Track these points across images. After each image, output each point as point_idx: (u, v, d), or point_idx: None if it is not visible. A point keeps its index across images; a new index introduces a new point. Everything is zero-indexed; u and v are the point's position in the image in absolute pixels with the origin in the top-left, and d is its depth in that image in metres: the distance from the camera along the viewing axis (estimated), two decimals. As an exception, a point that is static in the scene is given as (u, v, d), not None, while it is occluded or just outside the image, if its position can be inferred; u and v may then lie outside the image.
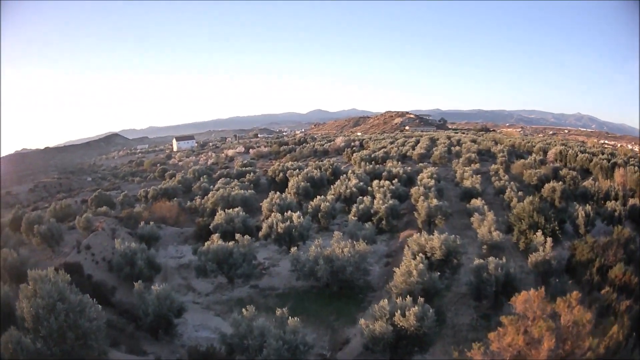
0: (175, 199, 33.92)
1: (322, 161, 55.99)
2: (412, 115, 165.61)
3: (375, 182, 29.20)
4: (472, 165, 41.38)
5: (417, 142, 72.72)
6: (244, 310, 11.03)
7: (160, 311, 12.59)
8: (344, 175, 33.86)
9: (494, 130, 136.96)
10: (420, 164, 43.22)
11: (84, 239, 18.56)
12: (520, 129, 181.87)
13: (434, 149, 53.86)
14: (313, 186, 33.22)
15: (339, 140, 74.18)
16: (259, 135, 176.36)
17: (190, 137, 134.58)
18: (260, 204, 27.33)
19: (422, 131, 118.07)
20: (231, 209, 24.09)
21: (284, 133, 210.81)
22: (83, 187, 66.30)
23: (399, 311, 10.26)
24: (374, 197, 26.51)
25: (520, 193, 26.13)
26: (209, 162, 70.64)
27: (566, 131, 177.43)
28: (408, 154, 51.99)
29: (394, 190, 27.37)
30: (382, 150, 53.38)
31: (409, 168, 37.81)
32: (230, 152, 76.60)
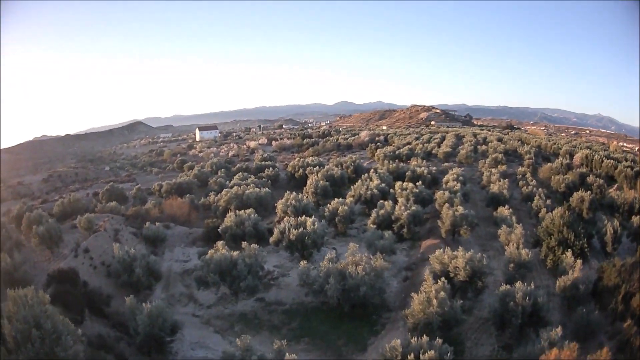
0: (188, 194, 32.91)
1: (344, 156, 54.54)
2: (438, 110, 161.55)
3: (398, 184, 27.51)
4: (499, 166, 39.30)
5: (443, 138, 70.44)
6: (237, 340, 9.77)
7: (151, 331, 11.52)
8: (366, 174, 32.21)
9: (518, 128, 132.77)
10: (446, 164, 41.23)
11: (84, 240, 17.65)
12: (544, 127, 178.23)
13: (460, 147, 51.60)
14: (333, 185, 31.83)
15: (364, 135, 72.45)
16: (283, 126, 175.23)
17: (214, 127, 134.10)
18: (276, 203, 25.99)
19: (447, 127, 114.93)
20: (244, 210, 22.94)
21: (309, 124, 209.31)
22: (99, 177, 65.67)
23: (412, 354, 8.82)
24: (395, 201, 25.00)
25: (548, 201, 24.37)
26: (230, 153, 69.90)
27: (587, 131, 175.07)
28: (433, 151, 49.88)
29: (418, 193, 25.67)
30: (407, 146, 51.42)
31: (434, 168, 35.90)
32: (252, 144, 75.73)
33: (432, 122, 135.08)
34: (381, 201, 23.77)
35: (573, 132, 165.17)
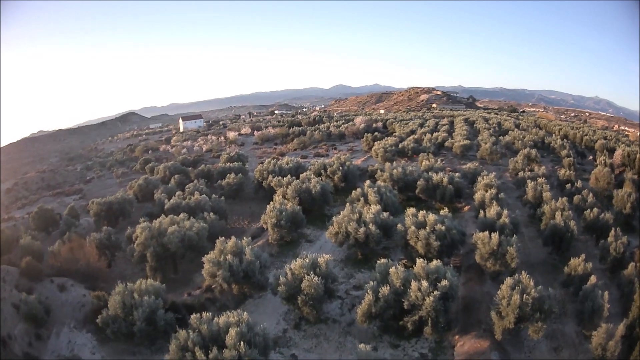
0: (105, 228, 21.94)
1: (335, 148, 43.85)
2: (439, 92, 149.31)
3: (410, 214, 16.56)
4: (536, 166, 28.92)
5: (451, 124, 59.51)
6: None
7: None
8: (359, 189, 21.40)
9: (523, 111, 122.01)
10: (470, 165, 30.52)
11: None
12: (542, 109, 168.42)
13: (478, 138, 40.78)
14: (310, 204, 21.28)
15: (359, 121, 61.43)
16: (276, 112, 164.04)
17: (198, 116, 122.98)
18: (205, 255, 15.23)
19: (451, 110, 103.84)
20: (145, 283, 12.41)
21: (304, 109, 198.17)
22: (67, 180, 56.80)
23: None
24: (406, 244, 14.52)
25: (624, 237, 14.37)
26: (205, 147, 59.09)
27: (587, 114, 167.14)
28: (446, 143, 38.99)
29: (443, 234, 14.97)
30: (412, 137, 40.53)
31: (455, 173, 25.02)
32: (231, 135, 64.77)
33: (434, 105, 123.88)
34: (383, 262, 12.87)
35: (572, 114, 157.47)
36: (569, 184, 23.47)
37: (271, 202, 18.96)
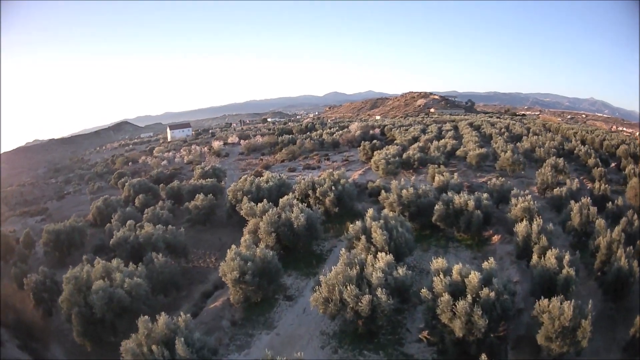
0: (41, 269, 16.56)
1: (328, 159, 38.32)
2: (436, 96, 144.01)
3: (440, 269, 10.72)
4: (566, 178, 23.75)
5: (455, 129, 54.18)
6: None
7: None
8: (360, 220, 15.69)
9: (524, 114, 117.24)
10: (495, 180, 25.11)
11: None
12: (538, 112, 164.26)
13: (494, 146, 35.40)
14: (293, 240, 15.68)
15: (354, 127, 56.02)
16: (269, 120, 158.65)
17: (186, 125, 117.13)
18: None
19: (450, 114, 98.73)
20: None
21: (298, 116, 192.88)
22: (45, 194, 51.26)
23: None
24: (434, 317, 9.11)
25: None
26: (186, 159, 53.49)
27: (583, 116, 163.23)
28: (457, 152, 33.60)
29: (491, 302, 9.43)
30: (416, 145, 35.07)
31: (484, 195, 19.39)
32: (216, 145, 59.18)
33: (432, 110, 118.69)
34: None
35: (569, 116, 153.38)
36: (608, 202, 18.18)
37: (233, 247, 13.17)
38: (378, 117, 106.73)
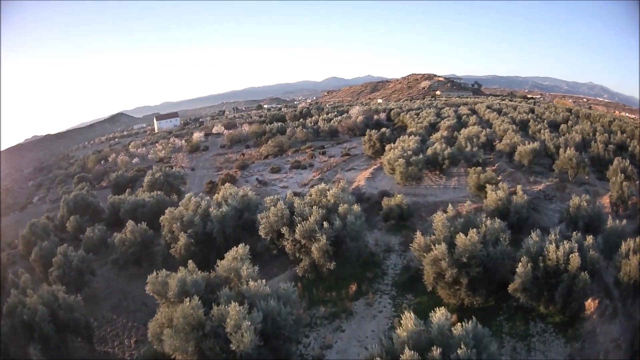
0: None
1: (324, 154, 29.43)
2: (441, 78, 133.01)
3: None
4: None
5: (473, 113, 45.19)
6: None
7: None
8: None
9: (532, 98, 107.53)
10: (559, 186, 16.38)
11: None
12: (539, 96, 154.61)
13: (542, 139, 26.56)
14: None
15: (356, 112, 47.01)
16: (265, 106, 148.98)
17: (174, 115, 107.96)
18: None
19: (458, 97, 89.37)
20: None
21: (296, 102, 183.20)
22: (17, 201, 44.33)
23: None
24: None
25: None
26: (159, 154, 44.64)
27: (584, 100, 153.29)
28: (497, 146, 24.70)
29: None
30: (438, 134, 26.11)
31: (588, 239, 10.53)
32: (195, 137, 50.17)
33: (437, 92, 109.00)
34: None
35: (570, 100, 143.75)
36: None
37: None
38: (380, 101, 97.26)
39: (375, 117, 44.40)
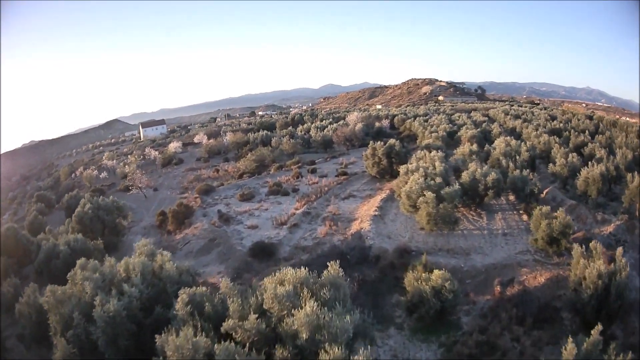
0: None
1: (314, 173, 22.81)
2: (443, 83, 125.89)
3: None
4: None
5: (488, 120, 38.65)
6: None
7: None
8: None
9: (538, 103, 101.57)
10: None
11: None
12: (538, 102, 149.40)
13: (596, 156, 20.03)
14: None
15: (353, 119, 40.28)
16: (259, 113, 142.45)
17: (160, 122, 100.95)
18: None
19: (462, 102, 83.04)
20: None
21: (292, 109, 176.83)
22: None
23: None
24: None
25: None
26: (125, 169, 37.82)
27: (584, 105, 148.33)
28: (553, 168, 18.07)
29: None
30: (465, 148, 19.32)
31: None
32: (171, 147, 43.37)
33: (440, 98, 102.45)
34: None
35: (583, 105, 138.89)
36: None
37: None
38: (379, 107, 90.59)
39: (377, 124, 37.76)
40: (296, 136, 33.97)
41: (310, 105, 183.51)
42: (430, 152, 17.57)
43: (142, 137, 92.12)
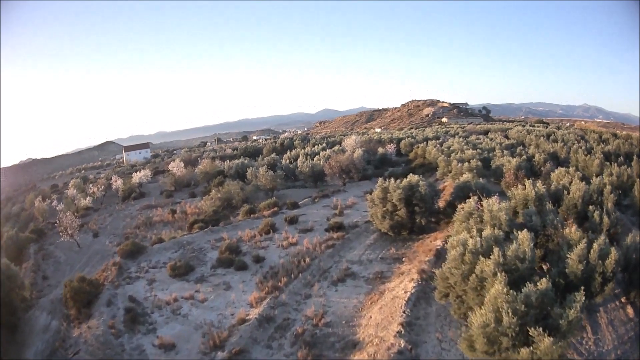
0: None
1: (278, 237, 15.76)
2: (446, 104, 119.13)
3: None
4: None
5: (516, 142, 31.72)
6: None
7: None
8: None
9: (546, 123, 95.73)
10: None
11: None
12: (547, 122, 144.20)
13: None
14: None
15: (351, 143, 33.39)
16: (254, 137, 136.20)
17: (144, 146, 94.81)
18: None
19: (471, 124, 76.67)
20: None
21: (287, 133, 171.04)
22: None
23: None
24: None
25: None
26: (91, 200, 30.93)
27: (583, 122, 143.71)
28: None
29: None
30: (529, 192, 12.26)
31: None
32: (135, 177, 36.22)
33: (444, 119, 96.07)
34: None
35: (567, 124, 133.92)
36: None
37: None
38: (378, 130, 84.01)
39: (380, 149, 30.86)
40: (279, 166, 26.91)
41: (305, 129, 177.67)
42: (480, 197, 10.45)
43: (124, 161, 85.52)
